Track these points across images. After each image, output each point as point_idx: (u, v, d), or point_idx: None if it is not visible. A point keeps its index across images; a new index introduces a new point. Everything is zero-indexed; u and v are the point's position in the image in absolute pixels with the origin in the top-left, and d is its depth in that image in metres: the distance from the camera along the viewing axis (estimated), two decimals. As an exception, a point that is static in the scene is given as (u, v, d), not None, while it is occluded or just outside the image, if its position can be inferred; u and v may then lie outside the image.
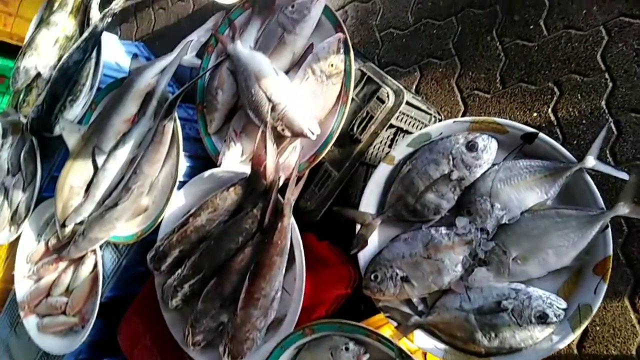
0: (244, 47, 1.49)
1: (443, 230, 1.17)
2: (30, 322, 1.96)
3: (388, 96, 1.27)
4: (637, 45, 1.28)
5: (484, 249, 1.11)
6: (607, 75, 1.31)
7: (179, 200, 1.57)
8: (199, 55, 1.71)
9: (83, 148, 1.78)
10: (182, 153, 1.60)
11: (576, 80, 1.35)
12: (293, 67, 1.45)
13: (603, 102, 1.31)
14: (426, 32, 1.60)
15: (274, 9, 1.50)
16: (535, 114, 1.38)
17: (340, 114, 1.31)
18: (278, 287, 1.30)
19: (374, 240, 1.30)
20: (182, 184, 1.61)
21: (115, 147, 1.75)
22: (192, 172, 1.72)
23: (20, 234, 2.08)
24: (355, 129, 1.32)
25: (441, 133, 1.19)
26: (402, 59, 1.64)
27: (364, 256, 1.29)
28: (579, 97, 1.34)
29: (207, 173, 1.51)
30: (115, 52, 2.13)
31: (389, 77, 1.30)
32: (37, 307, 1.96)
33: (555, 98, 1.37)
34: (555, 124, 1.36)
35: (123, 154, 1.74)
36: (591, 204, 1.01)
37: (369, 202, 1.30)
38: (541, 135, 1.05)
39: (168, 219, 1.59)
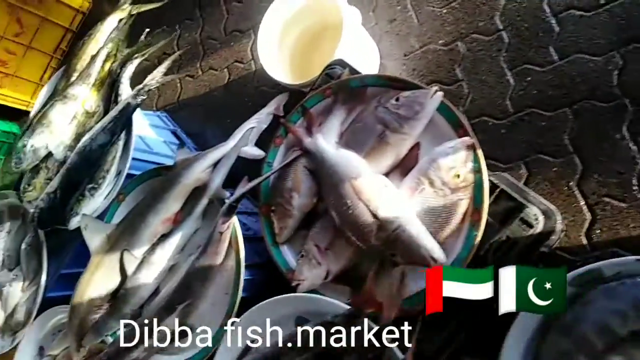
0: (327, 143, 1.23)
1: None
2: None
3: (537, 219, 1.02)
4: None
5: None
6: None
7: (243, 325, 1.26)
8: (258, 144, 1.45)
9: (109, 251, 1.45)
10: (242, 266, 1.30)
11: None
12: (392, 172, 1.19)
13: None
14: (532, 123, 1.38)
15: (365, 99, 1.26)
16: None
17: (470, 238, 1.04)
18: None
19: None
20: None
21: (151, 252, 1.43)
22: (250, 286, 1.42)
23: (18, 344, 1.71)
24: (488, 255, 1.05)
25: (618, 272, 0.93)
26: (501, 153, 1.40)
27: None
28: None
29: (282, 298, 1.20)
30: (140, 128, 1.84)
31: (530, 192, 1.05)
32: None
33: None
34: None
35: (161, 260, 1.42)
36: None
37: (510, 352, 1.01)
38: None
39: (224, 349, 1.26)
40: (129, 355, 1.33)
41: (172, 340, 1.35)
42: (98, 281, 1.46)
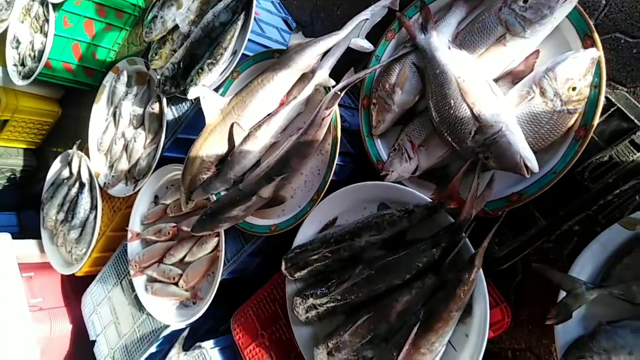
0: (440, 42, 1.22)
1: (699, 334, 0.90)
2: (139, 283, 1.92)
3: (649, 143, 0.98)
4: None
5: None
6: None
7: (329, 204, 1.38)
8: (369, 38, 1.46)
9: (221, 122, 1.62)
10: (337, 151, 1.39)
11: None
12: (504, 77, 1.17)
13: None
14: (673, 47, 1.24)
15: (488, -2, 1.21)
16: None
17: (571, 153, 1.02)
18: (446, 341, 1.11)
19: (578, 315, 1.06)
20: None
21: (257, 127, 1.57)
22: (341, 171, 1.53)
23: (138, 190, 2.02)
24: (585, 173, 1.04)
25: None
26: (626, 75, 1.30)
27: (564, 330, 1.06)
28: None
29: (371, 184, 1.30)
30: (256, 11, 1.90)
31: (650, 116, 0.99)
32: (147, 269, 1.91)
33: None
34: None
35: (265, 136, 1.57)
36: None
37: (584, 267, 1.04)
38: None
39: (310, 222, 1.41)
40: (229, 212, 1.54)
41: (266, 206, 1.54)
42: (209, 146, 1.65)
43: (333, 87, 1.41)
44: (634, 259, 0.97)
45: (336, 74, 1.48)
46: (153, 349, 1.86)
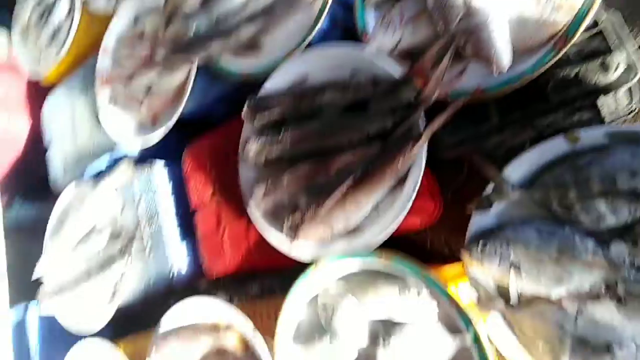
0: None
1: (590, 244, 1.00)
2: (103, 95, 1.91)
3: (617, 67, 1.00)
4: None
5: (628, 288, 0.95)
6: None
7: (303, 60, 1.38)
8: None
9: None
10: (326, 11, 1.36)
11: None
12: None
13: None
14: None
15: None
16: None
17: (543, 60, 1.04)
18: (372, 203, 1.20)
19: (495, 209, 1.15)
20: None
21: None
22: (323, 36, 1.50)
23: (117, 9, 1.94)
24: (549, 84, 1.07)
25: (656, 142, 0.95)
26: (630, 10, 1.28)
27: (479, 220, 1.16)
28: None
29: (349, 49, 1.29)
30: None
31: (630, 42, 1.00)
32: (114, 84, 1.90)
33: None
34: None
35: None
36: None
37: (517, 168, 1.11)
38: None
39: (281, 73, 1.41)
40: (205, 45, 1.52)
41: (243, 49, 1.53)
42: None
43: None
44: (563, 169, 1.04)
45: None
46: (103, 166, 1.90)
